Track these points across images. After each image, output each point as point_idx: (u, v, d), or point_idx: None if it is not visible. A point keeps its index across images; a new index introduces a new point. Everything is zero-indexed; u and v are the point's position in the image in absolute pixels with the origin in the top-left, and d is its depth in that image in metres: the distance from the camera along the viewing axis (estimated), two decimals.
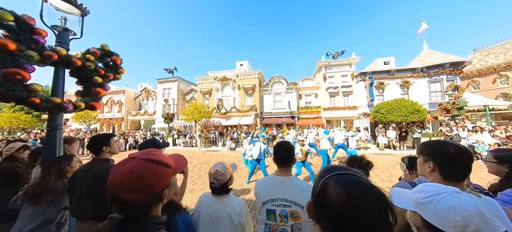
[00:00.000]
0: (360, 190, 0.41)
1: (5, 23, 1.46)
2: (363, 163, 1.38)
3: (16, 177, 2.02)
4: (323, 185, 0.46)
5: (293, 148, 1.31)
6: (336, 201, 0.41)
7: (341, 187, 0.42)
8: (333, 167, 0.51)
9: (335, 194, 0.42)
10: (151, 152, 0.61)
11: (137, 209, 0.55)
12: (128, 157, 0.59)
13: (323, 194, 0.44)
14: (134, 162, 0.56)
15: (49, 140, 1.81)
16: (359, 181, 0.44)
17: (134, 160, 0.57)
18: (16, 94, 1.47)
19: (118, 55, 2.32)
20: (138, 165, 0.55)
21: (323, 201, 0.44)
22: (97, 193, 1.48)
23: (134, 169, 0.55)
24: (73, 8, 1.94)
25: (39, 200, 1.52)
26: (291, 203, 1.09)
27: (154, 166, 0.57)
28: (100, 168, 1.54)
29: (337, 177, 0.46)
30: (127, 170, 0.54)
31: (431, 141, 0.94)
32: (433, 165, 0.86)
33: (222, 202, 1.13)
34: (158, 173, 0.58)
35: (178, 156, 0.71)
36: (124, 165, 0.56)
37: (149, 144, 1.53)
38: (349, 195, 0.41)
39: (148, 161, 0.57)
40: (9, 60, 1.43)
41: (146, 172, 0.56)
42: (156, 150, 0.64)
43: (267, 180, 1.25)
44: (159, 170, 0.58)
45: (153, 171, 0.57)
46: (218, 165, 1.20)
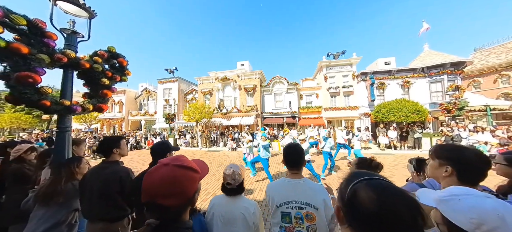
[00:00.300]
0: (392, 195, 0.43)
1: (17, 27, 1.48)
2: (373, 164, 1.39)
3: (24, 178, 2.04)
4: (353, 190, 0.48)
5: (303, 150, 1.32)
6: (369, 206, 0.43)
7: (373, 192, 0.44)
8: (360, 173, 0.53)
9: (368, 199, 0.44)
10: (180, 158, 0.63)
11: (172, 214, 0.57)
12: (159, 164, 0.60)
13: (355, 199, 0.46)
14: (168, 169, 0.58)
15: (58, 142, 1.83)
16: (390, 186, 0.46)
17: (167, 166, 0.58)
18: (28, 97, 1.48)
19: (124, 57, 2.35)
20: (172, 171, 0.57)
21: (355, 206, 0.46)
22: (108, 195, 1.50)
23: (170, 175, 0.57)
24: (81, 11, 1.96)
25: (50, 202, 1.54)
26: (305, 205, 1.11)
27: (186, 171, 0.59)
28: (111, 170, 1.56)
29: (367, 182, 0.48)
30: (163, 176, 0.56)
31: (448, 145, 0.95)
32: (452, 169, 0.86)
33: (235, 203, 1.15)
34: (189, 178, 0.60)
35: (199, 161, 0.73)
36: (158, 171, 0.58)
37: (162, 146, 1.54)
38: (381, 200, 0.43)
39: (180, 167, 0.59)
40: (21, 63, 1.45)
41: (180, 177, 0.57)
42: (183, 156, 0.66)
43: (279, 183, 1.26)
44: (190, 176, 0.60)
45: (186, 176, 0.59)
46: (233, 166, 1.22)
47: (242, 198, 1.21)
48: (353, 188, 0.48)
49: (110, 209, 1.51)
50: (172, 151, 1.57)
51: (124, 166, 1.66)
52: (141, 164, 8.27)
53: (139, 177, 1.47)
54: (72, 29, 1.90)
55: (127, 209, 1.60)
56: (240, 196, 1.20)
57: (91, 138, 12.02)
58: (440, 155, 0.92)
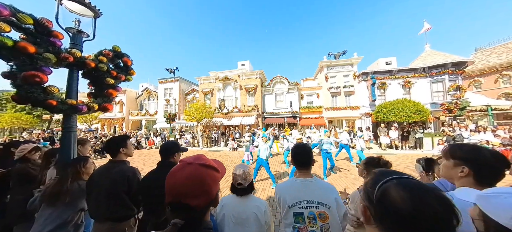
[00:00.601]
0: (425, 193, 0.43)
1: (24, 26, 1.47)
2: (381, 162, 1.39)
3: (29, 178, 2.03)
4: (383, 190, 0.47)
5: (311, 150, 1.31)
6: (403, 206, 0.42)
7: (405, 190, 0.44)
8: (387, 171, 0.53)
9: (400, 198, 0.43)
10: (202, 157, 0.62)
11: (197, 214, 0.57)
12: (182, 163, 0.59)
13: (385, 199, 0.46)
14: (192, 168, 0.57)
15: (63, 141, 1.82)
16: (421, 184, 0.46)
17: (191, 165, 0.57)
18: (35, 96, 1.48)
19: (129, 57, 2.34)
20: (198, 170, 0.56)
21: (386, 205, 0.45)
22: (115, 194, 1.49)
23: (195, 174, 0.56)
24: (87, 10, 1.95)
25: (56, 202, 1.53)
26: (318, 204, 1.10)
27: (210, 171, 0.59)
28: (118, 169, 1.55)
29: (398, 181, 0.47)
30: (188, 175, 0.55)
31: (465, 144, 0.94)
32: (468, 170, 0.85)
33: (246, 203, 1.14)
34: (213, 177, 0.59)
35: (217, 161, 0.72)
36: (183, 170, 0.57)
37: (171, 145, 1.54)
38: (415, 199, 0.42)
39: (205, 166, 0.58)
40: (28, 63, 1.44)
41: (206, 177, 0.57)
42: (203, 155, 0.65)
43: (289, 184, 1.26)
44: (213, 175, 0.59)
45: (210, 176, 0.58)
46: (242, 166, 1.22)
47: (252, 197, 1.20)
48: (382, 187, 0.47)
49: (118, 209, 1.50)
50: (180, 151, 1.57)
51: (131, 166, 1.65)
52: (142, 163, 8.26)
53: (148, 176, 1.47)
54: (78, 28, 1.89)
55: (134, 209, 1.59)
56: (250, 196, 1.19)
57: (92, 138, 12.01)
58: (455, 155, 0.91)
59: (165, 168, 1.48)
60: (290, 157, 1.58)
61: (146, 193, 1.41)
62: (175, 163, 1.54)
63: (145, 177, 1.47)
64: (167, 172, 1.44)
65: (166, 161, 1.50)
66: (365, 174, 1.44)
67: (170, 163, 1.51)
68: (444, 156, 0.98)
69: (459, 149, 0.92)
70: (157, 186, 1.38)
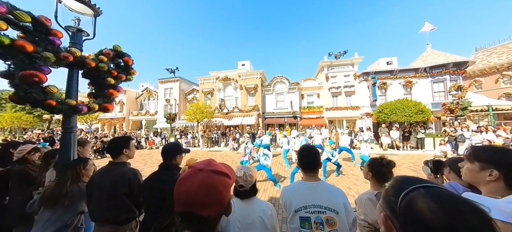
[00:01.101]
0: (458, 204, 0.39)
1: (21, 24, 1.43)
2: (384, 162, 1.36)
3: (28, 179, 2.00)
4: (409, 200, 0.43)
5: (319, 152, 1.28)
6: (433, 218, 0.38)
7: (435, 201, 0.40)
8: (411, 179, 0.49)
9: (430, 209, 0.39)
10: (213, 162, 0.58)
11: (210, 224, 0.53)
12: (193, 169, 0.55)
13: (412, 210, 0.42)
14: (204, 175, 0.53)
15: (63, 142, 1.78)
16: (453, 194, 0.41)
17: (202, 172, 0.53)
18: (33, 96, 1.44)
19: (130, 56, 2.30)
20: (210, 178, 0.52)
21: (413, 217, 0.41)
22: (116, 197, 1.46)
23: (207, 182, 0.51)
24: (86, 8, 1.91)
25: (56, 204, 1.50)
26: (325, 209, 1.06)
27: (222, 178, 0.55)
28: (119, 171, 1.52)
29: (425, 191, 0.43)
30: (200, 183, 0.51)
31: (492, 146, 0.89)
32: (498, 173, 0.79)
33: (251, 207, 1.10)
34: (225, 185, 0.55)
35: (226, 165, 0.68)
36: (194, 178, 0.53)
37: (173, 146, 1.50)
38: (448, 210, 0.38)
39: (217, 173, 0.54)
40: (26, 62, 1.40)
41: (218, 185, 0.53)
42: (213, 159, 0.61)
43: (296, 186, 1.22)
44: (226, 182, 0.55)
45: (222, 183, 0.54)
46: (243, 167, 1.18)
47: (257, 200, 1.16)
48: (408, 197, 0.44)
49: (118, 212, 1.46)
50: (183, 152, 1.53)
51: (131, 167, 1.61)
52: (142, 164, 8.23)
53: (149, 178, 1.43)
54: (77, 27, 1.85)
55: (135, 212, 1.55)
56: (254, 199, 1.15)
57: (92, 138, 11.98)
58: (482, 157, 0.85)
59: (167, 170, 1.45)
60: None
61: (148, 195, 1.37)
62: (177, 165, 1.50)
63: (147, 179, 1.43)
64: (169, 174, 1.42)
65: (168, 163, 1.46)
66: (370, 176, 1.40)
67: (173, 165, 1.47)
68: (468, 159, 0.92)
69: (485, 151, 0.86)
70: (159, 188, 1.35)
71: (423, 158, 8.66)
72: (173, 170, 1.45)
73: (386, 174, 1.34)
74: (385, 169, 1.34)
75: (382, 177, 1.34)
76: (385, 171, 1.34)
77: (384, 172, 1.34)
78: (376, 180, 1.36)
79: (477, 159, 0.86)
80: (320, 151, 1.26)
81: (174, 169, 1.46)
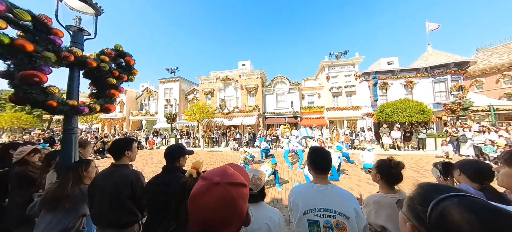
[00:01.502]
0: (500, 217, 0.36)
1: (21, 23, 1.40)
2: (392, 164, 1.33)
3: (28, 181, 1.97)
4: (442, 210, 0.40)
5: (330, 154, 1.24)
6: (470, 230, 0.36)
7: (473, 213, 0.37)
8: (440, 187, 0.46)
9: (467, 222, 0.36)
10: (228, 172, 0.53)
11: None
12: (207, 183, 0.50)
13: (446, 221, 0.39)
14: (221, 190, 0.48)
15: (64, 144, 1.75)
16: (492, 206, 0.38)
17: (219, 186, 0.48)
18: (34, 97, 1.40)
19: (131, 56, 2.26)
20: (228, 193, 0.47)
21: (448, 228, 0.38)
22: (119, 199, 1.43)
23: (227, 198, 0.47)
24: (88, 7, 1.87)
25: (57, 207, 1.46)
26: (335, 213, 1.03)
27: (240, 190, 0.50)
28: (121, 173, 1.48)
29: (459, 200, 0.40)
30: (219, 200, 0.46)
31: None
32: None
33: (258, 212, 1.06)
34: (244, 197, 0.51)
35: (240, 169, 0.63)
36: (210, 193, 0.48)
37: (176, 149, 1.47)
38: (488, 224, 0.35)
39: (234, 185, 0.49)
40: (26, 62, 1.37)
41: (238, 199, 0.48)
42: (228, 167, 0.57)
43: (304, 188, 1.18)
44: (244, 194, 0.51)
45: (241, 196, 0.50)
46: (252, 170, 1.14)
47: (264, 206, 1.13)
48: (440, 207, 0.40)
49: (121, 215, 1.43)
50: (186, 154, 1.49)
51: (134, 169, 1.58)
52: (143, 164, 8.20)
53: (152, 181, 1.40)
54: (78, 26, 1.82)
55: (138, 215, 1.52)
56: (262, 204, 1.12)
57: (92, 138, 11.94)
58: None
59: (170, 172, 1.41)
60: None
61: (150, 199, 1.33)
62: (180, 168, 1.46)
63: (150, 182, 1.40)
64: (173, 176, 1.38)
65: (172, 165, 1.42)
66: (378, 178, 1.37)
67: (176, 167, 1.44)
68: (507, 163, 0.88)
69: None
70: (163, 191, 1.31)
71: (425, 158, 8.57)
72: (176, 172, 1.42)
73: (395, 175, 1.30)
74: (394, 171, 1.31)
75: (391, 179, 1.31)
76: (395, 173, 1.30)
77: (394, 173, 1.30)
78: (385, 182, 1.33)
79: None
80: None
81: (178, 172, 1.43)
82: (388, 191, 1.30)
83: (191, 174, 1.13)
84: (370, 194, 4.89)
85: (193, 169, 1.17)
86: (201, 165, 1.23)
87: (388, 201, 1.24)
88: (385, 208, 1.22)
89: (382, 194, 1.31)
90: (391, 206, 1.22)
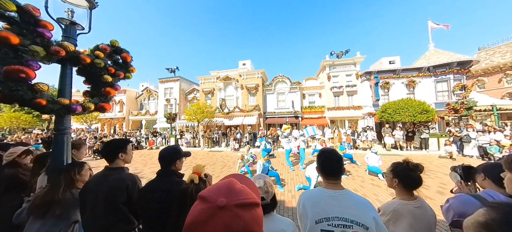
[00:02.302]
0: None
1: (6, 14, 1.28)
2: (410, 166, 1.22)
3: (19, 184, 1.86)
4: None
5: (342, 157, 1.13)
6: None
7: None
8: None
9: None
10: (236, 190, 0.41)
11: None
12: (210, 206, 0.38)
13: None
14: (230, 215, 0.36)
15: (56, 145, 1.64)
16: None
17: (225, 210, 0.37)
18: (20, 95, 1.29)
19: (128, 52, 2.15)
20: (238, 218, 0.36)
21: None
22: (113, 206, 1.31)
23: (238, 226, 0.36)
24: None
25: (46, 213, 1.35)
26: (351, 223, 0.92)
27: (254, 212, 0.39)
28: (116, 177, 1.37)
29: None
30: (225, 228, 0.35)
31: None
32: None
33: (270, 224, 0.95)
34: (259, 221, 0.40)
35: (248, 181, 0.52)
36: (213, 222, 0.37)
37: (171, 151, 1.35)
38: None
39: (246, 207, 0.38)
40: (11, 56, 1.25)
41: (252, 225, 0.37)
42: (236, 182, 0.45)
43: (315, 194, 1.07)
44: (259, 217, 0.40)
45: (255, 220, 0.38)
46: (261, 176, 1.03)
47: (277, 217, 1.01)
48: None
49: (116, 222, 1.32)
50: (182, 157, 1.38)
51: (130, 173, 1.47)
52: (142, 164, 8.09)
53: (146, 188, 1.28)
54: (71, 19, 1.70)
55: (134, 222, 1.41)
56: (273, 215, 1.00)
57: (91, 138, 11.83)
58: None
59: (165, 177, 1.30)
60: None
61: (145, 208, 1.22)
62: (176, 172, 1.35)
63: (144, 188, 1.29)
64: (169, 181, 1.26)
65: (167, 169, 1.31)
66: (396, 183, 1.25)
67: (172, 171, 1.32)
68: (507, 168, 0.82)
69: None
70: (159, 198, 1.20)
71: (428, 159, 8.45)
72: (173, 176, 1.30)
73: (415, 179, 1.19)
74: (413, 174, 1.20)
75: (411, 183, 1.20)
76: (414, 176, 1.19)
77: (413, 177, 1.19)
78: (403, 187, 1.21)
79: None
80: None
81: (174, 176, 1.31)
82: (407, 197, 1.19)
83: (192, 179, 1.01)
84: (375, 196, 4.69)
85: (195, 173, 1.04)
86: (203, 169, 1.11)
87: (409, 209, 1.12)
88: (405, 217, 1.11)
89: (401, 201, 1.19)
90: (412, 215, 1.11)
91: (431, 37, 16.88)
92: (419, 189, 1.22)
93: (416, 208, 1.14)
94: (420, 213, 1.13)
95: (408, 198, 1.19)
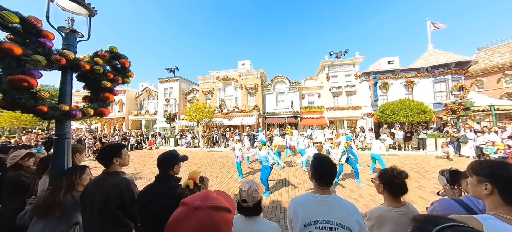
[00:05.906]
0: None
1: (10, 26, 1.34)
2: (395, 172, 1.27)
3: (22, 187, 1.92)
4: None
5: (335, 166, 1.19)
6: None
7: None
8: (432, 218, 0.48)
9: None
10: (211, 196, 0.49)
11: None
12: (187, 207, 0.46)
13: None
14: (202, 214, 0.44)
15: (57, 150, 1.69)
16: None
17: (199, 210, 0.44)
18: (23, 102, 1.35)
19: (126, 58, 2.20)
20: (210, 218, 0.43)
21: None
22: (109, 210, 1.38)
23: (208, 223, 0.43)
24: (81, 8, 1.81)
25: (48, 215, 1.41)
26: (338, 226, 0.98)
27: (223, 214, 0.46)
28: (111, 182, 1.43)
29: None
30: (198, 226, 0.42)
31: (487, 160, 0.89)
32: (491, 187, 0.79)
33: (254, 227, 1.01)
34: (228, 223, 0.47)
35: (223, 193, 0.58)
36: (188, 219, 0.43)
37: (169, 156, 1.41)
38: None
39: (217, 209, 0.45)
40: (14, 66, 1.31)
41: (220, 225, 0.44)
42: (210, 191, 0.52)
43: (305, 198, 1.13)
44: (228, 219, 0.47)
45: (224, 221, 0.45)
46: (250, 182, 1.09)
47: (262, 221, 1.07)
48: None
49: (112, 225, 1.38)
50: (180, 161, 1.44)
51: (124, 177, 1.53)
52: (142, 165, 8.16)
53: (144, 192, 1.34)
54: (71, 27, 1.75)
55: (130, 224, 1.47)
56: (258, 219, 1.06)
57: (90, 138, 11.88)
58: (478, 171, 0.85)
59: (163, 182, 1.36)
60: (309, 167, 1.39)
61: (142, 211, 1.28)
62: (174, 176, 1.41)
63: (142, 193, 1.34)
64: (166, 185, 1.33)
65: (165, 174, 1.37)
66: (382, 189, 1.30)
67: (170, 176, 1.38)
68: (468, 173, 0.92)
69: (481, 165, 0.86)
70: (156, 201, 1.26)
71: (425, 159, 8.47)
72: (170, 181, 1.37)
73: (398, 186, 1.24)
74: (397, 180, 1.24)
75: (396, 191, 1.24)
76: (397, 183, 1.23)
77: (397, 183, 1.24)
78: (389, 193, 1.26)
79: (475, 173, 0.87)
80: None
81: (172, 180, 1.37)
82: (394, 203, 1.24)
83: (187, 184, 1.07)
84: (371, 196, 4.75)
85: (190, 179, 1.11)
86: (198, 175, 1.17)
87: (393, 216, 1.17)
88: (388, 223, 1.17)
89: (387, 207, 1.24)
90: (396, 221, 1.15)
91: (430, 37, 16.93)
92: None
93: (401, 215, 1.17)
94: (404, 220, 1.15)
95: (394, 204, 1.23)
